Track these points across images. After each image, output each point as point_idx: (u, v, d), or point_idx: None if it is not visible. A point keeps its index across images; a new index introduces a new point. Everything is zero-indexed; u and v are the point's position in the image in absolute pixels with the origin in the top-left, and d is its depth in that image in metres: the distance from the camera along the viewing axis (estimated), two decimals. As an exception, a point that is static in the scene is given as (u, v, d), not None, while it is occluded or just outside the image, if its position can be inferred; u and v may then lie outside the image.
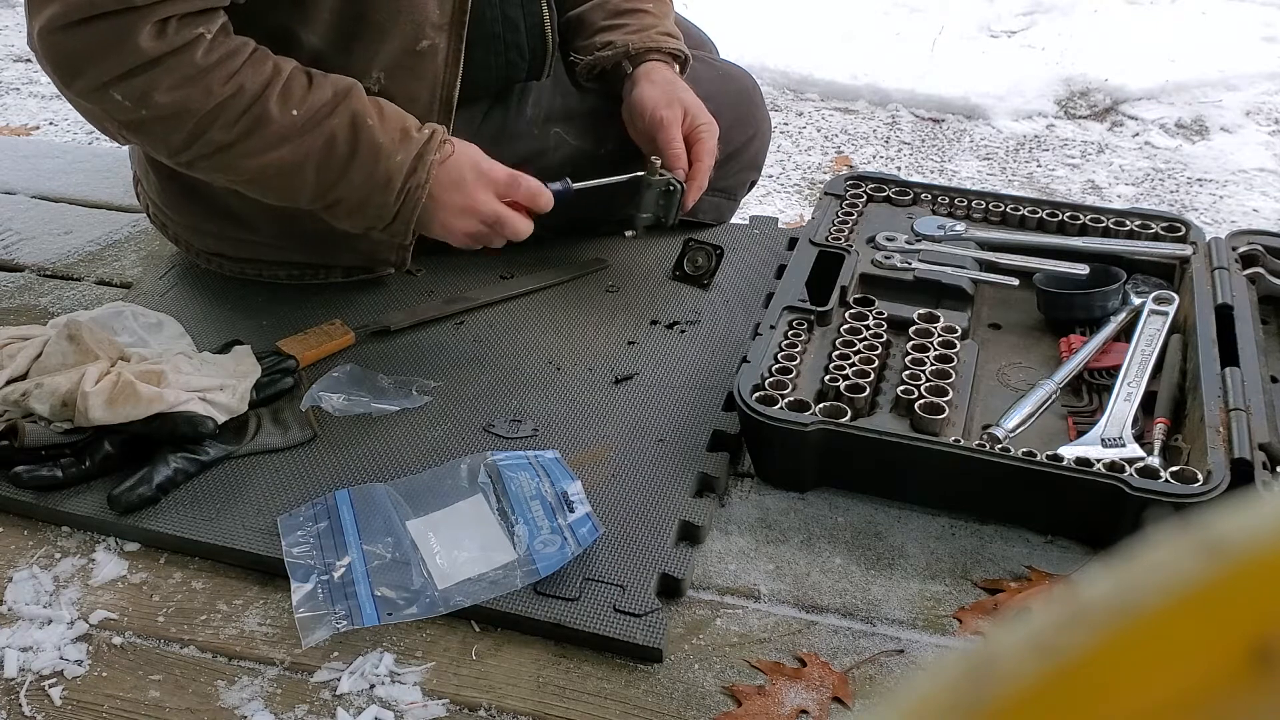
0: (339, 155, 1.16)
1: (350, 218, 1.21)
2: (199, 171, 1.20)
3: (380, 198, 1.18)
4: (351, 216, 1.21)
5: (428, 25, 1.21)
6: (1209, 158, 2.44)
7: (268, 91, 1.13)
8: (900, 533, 1.10)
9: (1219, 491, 1.00)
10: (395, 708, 0.92)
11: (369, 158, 1.16)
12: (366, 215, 1.21)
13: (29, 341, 1.14)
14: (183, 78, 1.10)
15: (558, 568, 0.99)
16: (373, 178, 1.17)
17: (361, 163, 1.16)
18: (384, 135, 1.17)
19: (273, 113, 1.13)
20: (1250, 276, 1.33)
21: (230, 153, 1.14)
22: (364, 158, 1.16)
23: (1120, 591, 0.19)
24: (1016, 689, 0.19)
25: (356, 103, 1.17)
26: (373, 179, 1.17)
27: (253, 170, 1.16)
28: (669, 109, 1.35)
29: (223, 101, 1.11)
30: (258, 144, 1.14)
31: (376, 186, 1.17)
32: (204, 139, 1.13)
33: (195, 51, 1.10)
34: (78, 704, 0.92)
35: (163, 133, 1.14)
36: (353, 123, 1.16)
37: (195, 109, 1.11)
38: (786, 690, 0.93)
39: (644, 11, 1.43)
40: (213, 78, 1.11)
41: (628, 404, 1.23)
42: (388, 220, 1.21)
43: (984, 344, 1.29)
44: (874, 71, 2.74)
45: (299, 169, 1.16)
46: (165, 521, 1.07)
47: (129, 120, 1.13)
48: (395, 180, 1.17)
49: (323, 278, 1.40)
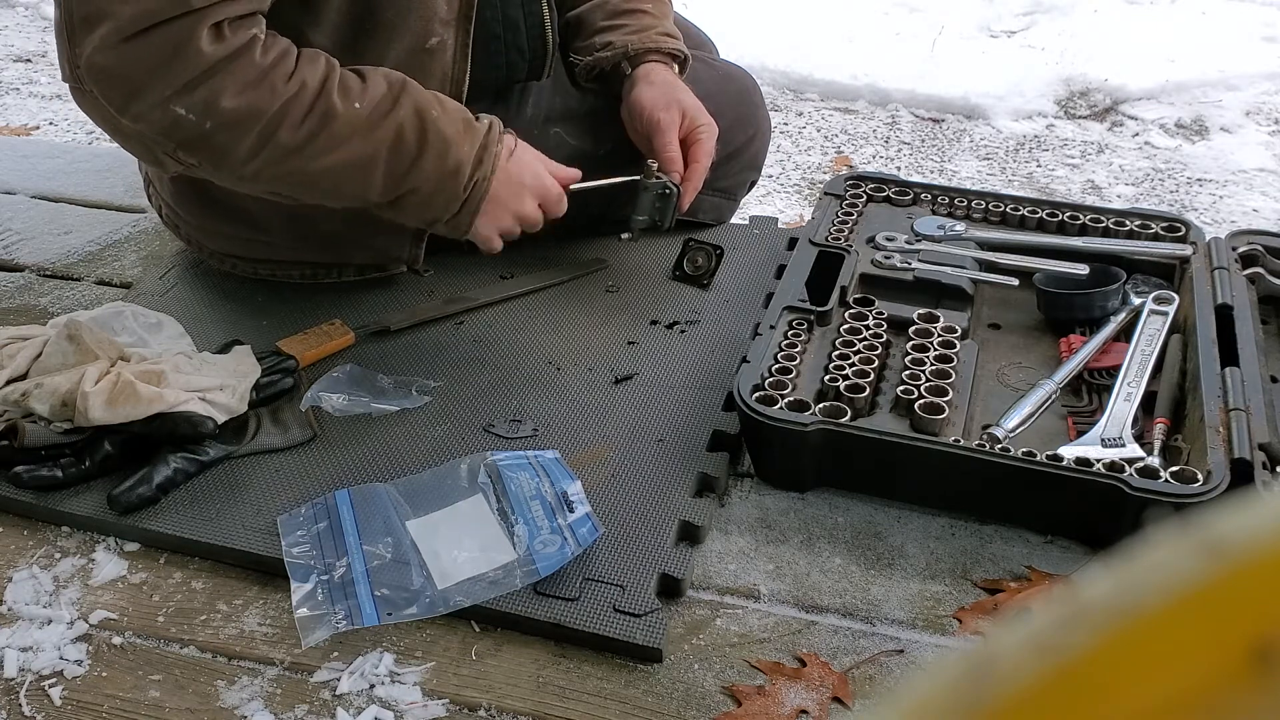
0: (409, 147, 1.15)
1: (419, 210, 1.21)
2: (264, 181, 1.16)
3: (451, 187, 1.18)
4: (421, 209, 1.21)
5: (436, 21, 1.21)
6: (1209, 158, 2.44)
7: (327, 85, 1.12)
8: (900, 533, 1.10)
9: (1219, 491, 1.00)
10: (395, 708, 0.92)
11: (439, 148, 1.16)
12: (435, 206, 1.20)
13: (29, 341, 1.14)
14: (246, 81, 1.08)
15: (558, 568, 0.99)
16: (444, 167, 1.17)
17: (432, 153, 1.16)
18: (449, 126, 1.17)
19: (338, 106, 1.11)
20: (1250, 276, 1.33)
21: (302, 155, 1.12)
22: (434, 148, 1.16)
23: (1120, 591, 0.19)
24: (1016, 689, 0.19)
25: (417, 94, 1.16)
26: (444, 168, 1.17)
27: (324, 171, 1.14)
28: (666, 111, 1.35)
29: (289, 100, 1.10)
30: (326, 141, 1.12)
31: (447, 175, 1.17)
32: (273, 142, 1.10)
33: (254, 52, 1.08)
34: (78, 704, 0.92)
35: (229, 143, 1.10)
36: (418, 114, 1.15)
37: (263, 110, 1.09)
38: (786, 690, 0.93)
39: (643, 12, 1.43)
40: (275, 76, 1.09)
41: (628, 404, 1.23)
42: (455, 210, 1.20)
43: (984, 344, 1.29)
44: (874, 71, 2.74)
45: (371, 163, 1.15)
46: (165, 521, 1.07)
47: (193, 136, 1.09)
48: (465, 169, 1.18)
49: (335, 276, 1.41)
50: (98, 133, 2.48)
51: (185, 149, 1.12)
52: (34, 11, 3.20)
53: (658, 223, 1.37)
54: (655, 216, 1.36)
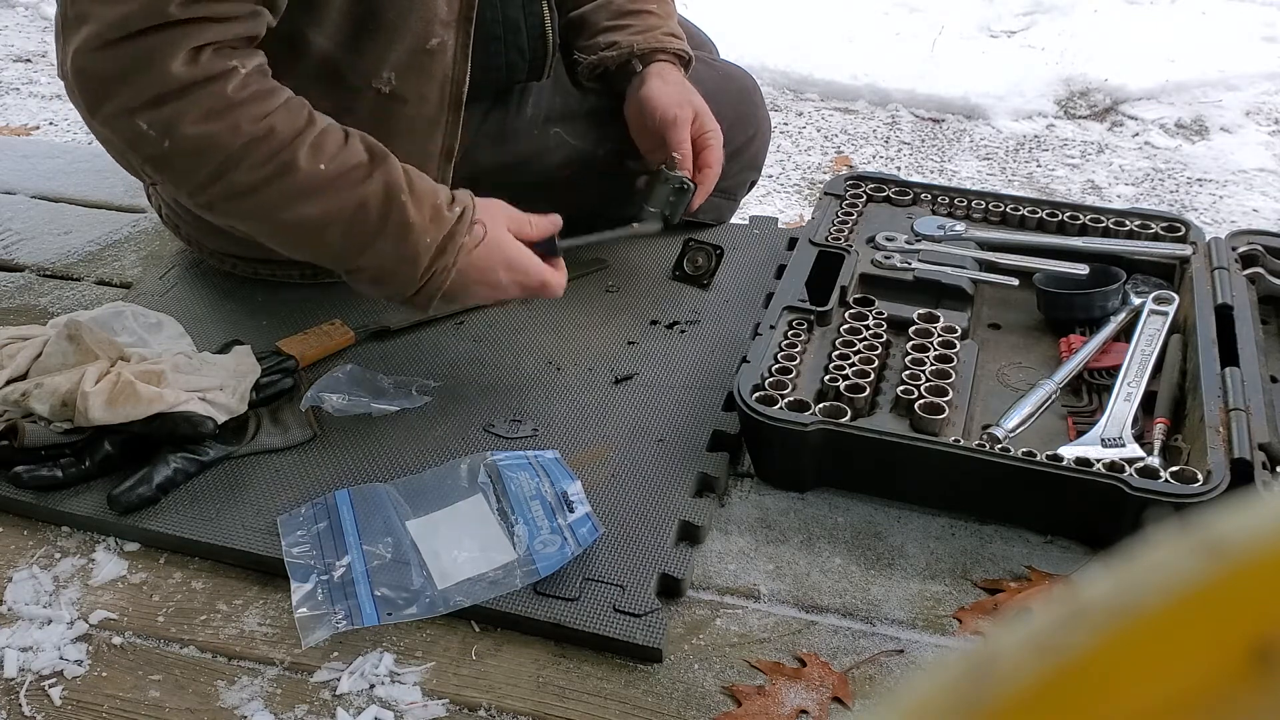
0: (369, 224, 1.10)
1: (372, 286, 1.16)
2: (219, 215, 1.14)
3: (406, 272, 1.13)
4: (373, 285, 1.16)
5: (437, 22, 1.21)
6: (1209, 158, 2.44)
7: (299, 139, 1.08)
8: (900, 533, 1.10)
9: (1219, 491, 1.00)
10: (395, 708, 0.92)
11: (398, 232, 1.11)
12: (390, 286, 1.15)
13: (29, 341, 1.14)
14: (210, 110, 1.06)
15: (558, 568, 0.99)
16: (400, 252, 1.11)
17: (390, 236, 1.11)
18: (416, 213, 1.11)
19: (300, 162, 1.08)
20: (1250, 276, 1.33)
21: (253, 199, 1.09)
22: (393, 231, 1.10)
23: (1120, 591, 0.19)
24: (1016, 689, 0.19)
25: (392, 172, 1.11)
26: (400, 254, 1.11)
27: (278, 222, 1.11)
28: (682, 109, 1.35)
29: (250, 141, 1.06)
30: (281, 194, 1.09)
31: (404, 261, 1.12)
32: (227, 179, 1.08)
33: (227, 84, 1.07)
34: (77, 704, 0.92)
35: (186, 169, 1.08)
36: (386, 193, 1.10)
37: (222, 145, 1.06)
38: (786, 690, 0.93)
39: (649, 13, 1.43)
40: (242, 114, 1.07)
41: (628, 404, 1.23)
42: (410, 293, 1.15)
43: (984, 344, 1.29)
44: (874, 71, 2.74)
45: (323, 229, 1.10)
46: (165, 521, 1.07)
47: (153, 154, 1.08)
48: (422, 259, 1.12)
49: (335, 277, 1.40)
50: (98, 133, 2.48)
51: (148, 164, 1.11)
52: (34, 11, 3.19)
53: (667, 217, 1.35)
54: (667, 210, 1.35)
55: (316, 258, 1.18)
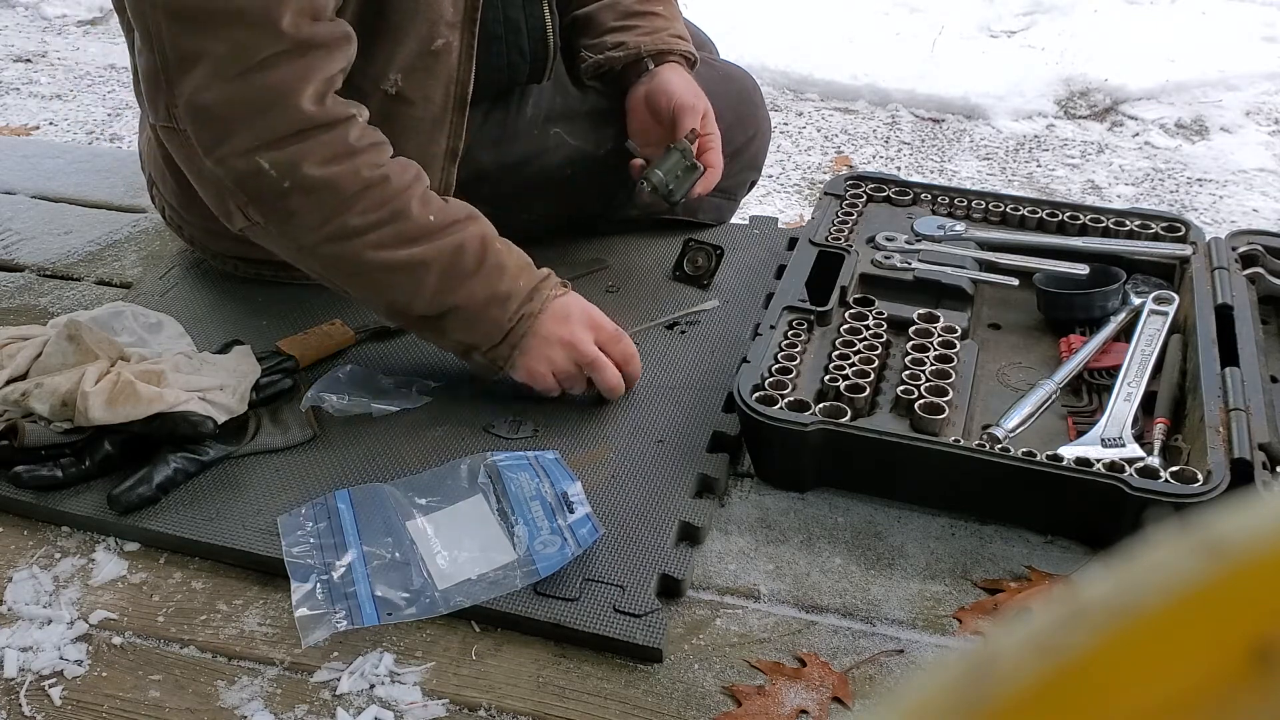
0: (466, 263, 1.13)
1: (461, 331, 1.17)
2: (321, 261, 1.16)
3: (496, 314, 1.15)
4: (463, 329, 1.17)
5: (442, 24, 1.22)
6: (1209, 158, 2.44)
7: (410, 190, 1.12)
8: (900, 533, 1.10)
9: (1219, 491, 1.00)
10: (395, 708, 0.92)
11: (494, 273, 1.14)
12: (477, 331, 1.16)
13: (29, 341, 1.14)
14: (335, 153, 1.09)
15: (558, 568, 0.99)
16: (493, 292, 1.14)
17: (485, 276, 1.14)
18: (510, 260, 1.16)
19: (413, 210, 1.12)
20: (1250, 276, 1.33)
21: (362, 240, 1.11)
22: (489, 272, 1.14)
23: (1120, 591, 0.19)
24: (1016, 689, 0.19)
25: (487, 226, 1.16)
26: (493, 293, 1.14)
27: (379, 263, 1.12)
28: (699, 99, 1.36)
29: (368, 187, 1.10)
30: (391, 236, 1.11)
31: (495, 301, 1.14)
32: (339, 221, 1.10)
33: (349, 130, 1.10)
34: (77, 704, 0.92)
35: (301, 209, 1.10)
36: (482, 239, 1.15)
37: (341, 189, 1.09)
38: (786, 690, 0.93)
39: (656, 14, 1.43)
40: (362, 161, 1.10)
41: (628, 404, 1.23)
42: (496, 341, 1.16)
43: (984, 344, 1.29)
44: (874, 71, 2.74)
45: (425, 268, 1.13)
46: (165, 521, 1.07)
47: (269, 194, 1.09)
48: (513, 301, 1.15)
49: None
50: (98, 132, 2.48)
51: (257, 205, 1.12)
52: (34, 11, 3.20)
53: (670, 191, 1.33)
54: (671, 183, 1.33)
55: (412, 299, 1.15)
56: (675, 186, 1.33)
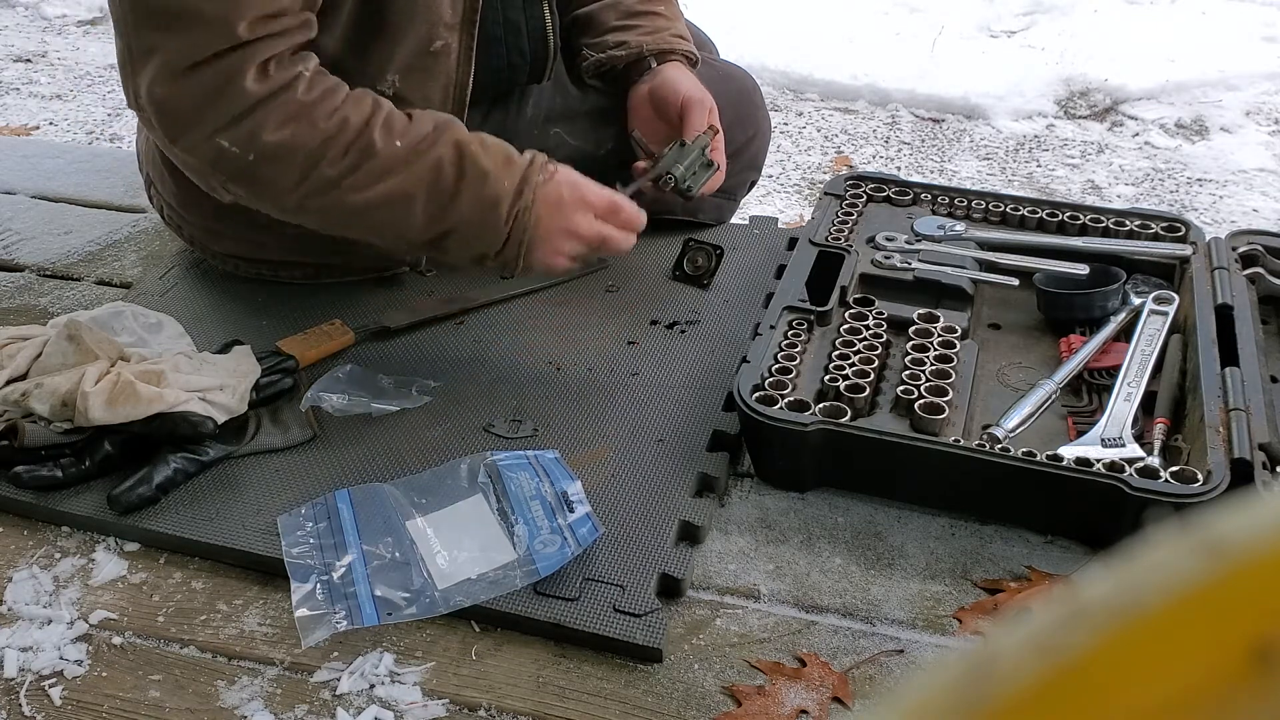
0: (447, 182, 1.15)
1: (462, 248, 1.19)
2: (310, 215, 1.19)
3: (491, 221, 1.16)
4: (464, 246, 1.19)
5: (441, 25, 1.22)
6: (1209, 158, 2.44)
7: (370, 123, 1.13)
8: (900, 533, 1.10)
9: (1219, 491, 1.00)
10: (395, 708, 0.92)
11: (476, 182, 1.15)
12: (478, 243, 1.18)
13: (29, 341, 1.14)
14: (287, 115, 1.11)
15: (558, 568, 0.99)
16: (481, 201, 1.15)
17: (469, 187, 1.15)
18: (489, 161, 1.16)
19: (378, 144, 1.13)
20: (1250, 276, 1.33)
21: (340, 188, 1.14)
22: (471, 182, 1.15)
23: (1120, 591, 0.19)
24: (1016, 689, 0.19)
25: (458, 132, 1.17)
26: (482, 203, 1.15)
27: (364, 205, 1.15)
28: (705, 95, 1.36)
29: (329, 136, 1.12)
30: (366, 176, 1.14)
31: (487, 209, 1.16)
32: (314, 175, 1.13)
33: (296, 89, 1.12)
34: (77, 704, 0.92)
35: (273, 175, 1.13)
36: (457, 149, 1.15)
37: (303, 145, 1.12)
38: (786, 690, 0.93)
39: (657, 14, 1.44)
40: (317, 113, 1.12)
41: (628, 404, 1.23)
42: (499, 246, 1.18)
43: (984, 344, 1.29)
44: (874, 71, 2.74)
45: (409, 199, 1.15)
46: (165, 521, 1.07)
47: (239, 169, 1.13)
48: (503, 203, 1.16)
49: (338, 277, 1.41)
50: (98, 132, 2.48)
51: (233, 180, 1.15)
52: (34, 11, 3.20)
53: (689, 187, 1.32)
54: (689, 177, 1.32)
55: (407, 230, 1.17)
56: (693, 182, 1.33)
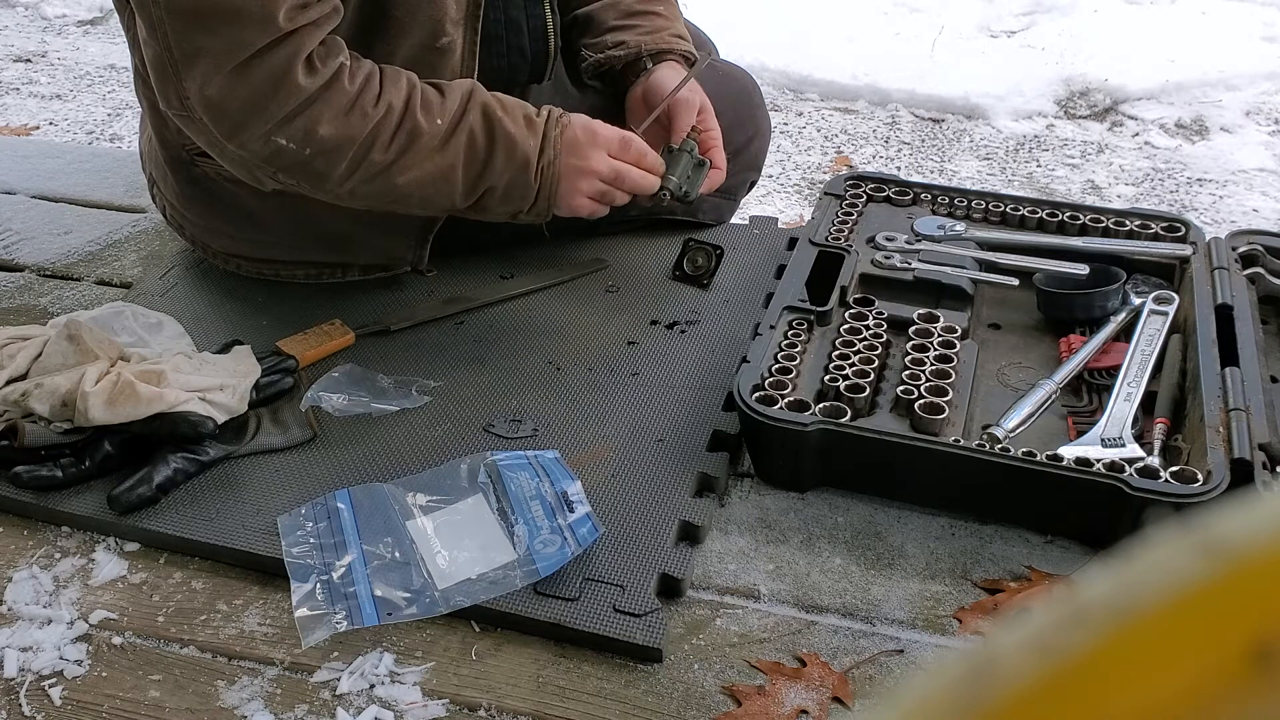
0: (480, 150, 1.20)
1: (501, 205, 1.25)
2: (359, 198, 1.21)
3: (522, 180, 1.22)
4: (502, 204, 1.25)
5: (447, 21, 1.22)
6: (1209, 158, 2.44)
7: (411, 105, 1.17)
8: (900, 533, 1.10)
9: (1219, 491, 1.00)
10: (395, 708, 0.92)
11: (507, 146, 1.21)
12: (513, 200, 1.24)
13: (29, 341, 1.14)
14: (341, 108, 1.13)
15: (558, 568, 0.99)
16: (513, 164, 1.21)
17: (501, 152, 1.21)
18: (514, 125, 1.21)
19: (422, 125, 1.17)
20: (1250, 276, 1.33)
21: (390, 171, 1.17)
22: (502, 147, 1.21)
23: (1120, 591, 0.19)
24: (1016, 689, 0.19)
25: (482, 96, 1.21)
26: (513, 165, 1.21)
27: (411, 184, 1.19)
28: (693, 94, 1.36)
29: (378, 123, 1.15)
30: (414, 157, 1.17)
31: (518, 171, 1.22)
32: (366, 163, 1.16)
33: (344, 80, 1.14)
34: (77, 704, 0.92)
35: (327, 167, 1.16)
36: (485, 116, 1.20)
37: (356, 136, 1.14)
38: (786, 690, 0.93)
39: (656, 14, 1.44)
40: (365, 101, 1.15)
41: (628, 404, 1.23)
42: (532, 200, 1.24)
43: (984, 344, 1.29)
44: (874, 71, 2.74)
45: (451, 171, 1.20)
46: (165, 521, 1.07)
47: (293, 163, 1.15)
48: (532, 161, 1.22)
49: (340, 277, 1.41)
50: (98, 132, 2.48)
51: (286, 173, 1.18)
52: (34, 11, 3.19)
53: (686, 192, 1.33)
54: (685, 184, 1.33)
55: (450, 200, 1.23)
56: (690, 187, 1.34)
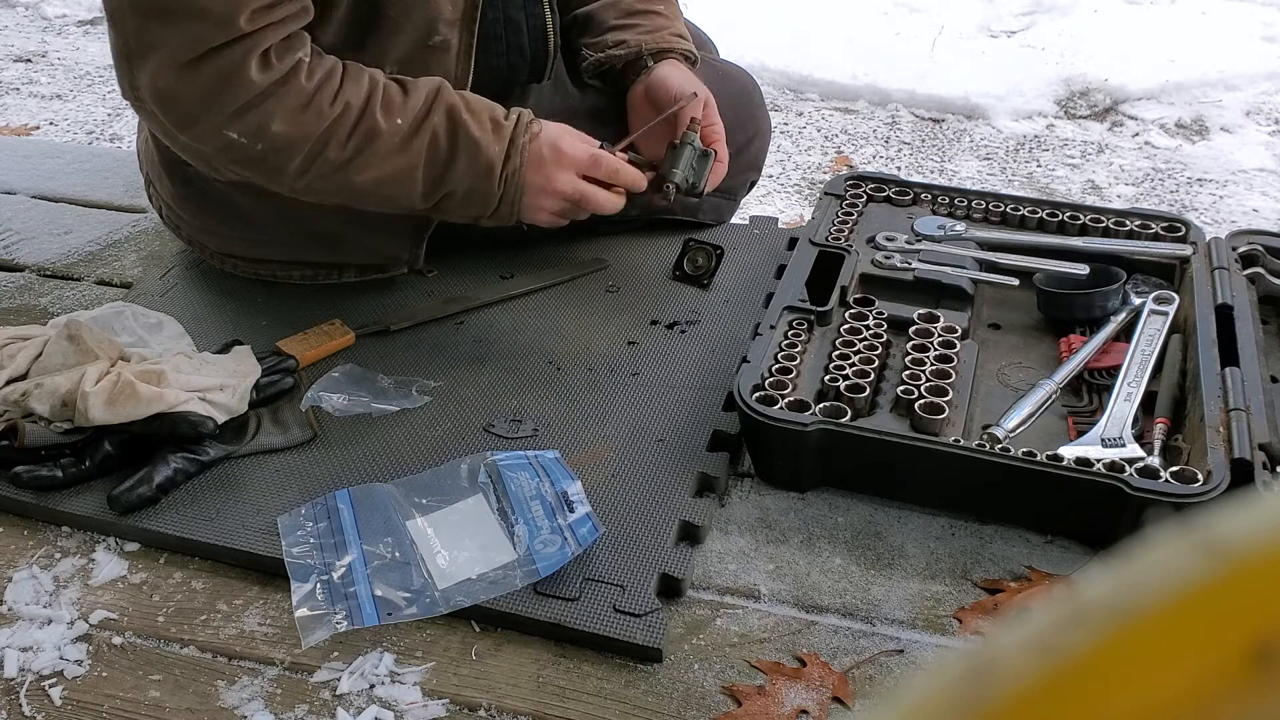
0: (442, 153, 1.19)
1: (459, 210, 1.24)
2: (314, 195, 1.21)
3: (485, 186, 1.21)
4: (461, 209, 1.24)
5: (440, 21, 1.22)
6: (1209, 158, 2.43)
7: (370, 104, 1.16)
8: (900, 533, 1.10)
9: (1219, 491, 1.00)
10: (395, 708, 0.92)
11: (470, 150, 1.19)
12: (474, 205, 1.23)
13: (29, 341, 1.14)
14: (295, 105, 1.13)
15: (558, 568, 0.99)
16: (476, 169, 1.20)
17: (464, 156, 1.19)
18: (479, 129, 1.20)
19: (381, 125, 1.16)
20: (1250, 276, 1.33)
21: (347, 169, 1.17)
22: (465, 151, 1.19)
23: (1120, 591, 0.19)
24: (1016, 689, 0.19)
25: (449, 97, 1.20)
26: (476, 170, 1.20)
27: (369, 183, 1.18)
28: (700, 88, 1.36)
29: (334, 121, 1.14)
30: (371, 157, 1.17)
31: (480, 175, 1.20)
32: (321, 160, 1.16)
33: (300, 77, 1.13)
34: (78, 704, 0.92)
35: (279, 163, 1.16)
36: (450, 118, 1.19)
37: (310, 133, 1.14)
38: (786, 690, 0.93)
39: (657, 13, 1.44)
40: (321, 99, 1.14)
41: (628, 404, 1.23)
42: (494, 207, 1.23)
43: (984, 344, 1.29)
44: (874, 71, 2.74)
45: (411, 173, 1.19)
46: (165, 521, 1.07)
47: (248, 157, 1.15)
48: (496, 168, 1.20)
49: (335, 278, 1.41)
50: (97, 132, 2.48)
51: (239, 165, 1.18)
52: (34, 11, 3.19)
53: (693, 184, 1.32)
54: (691, 177, 1.32)
55: (409, 201, 1.22)
56: (696, 179, 1.33)
